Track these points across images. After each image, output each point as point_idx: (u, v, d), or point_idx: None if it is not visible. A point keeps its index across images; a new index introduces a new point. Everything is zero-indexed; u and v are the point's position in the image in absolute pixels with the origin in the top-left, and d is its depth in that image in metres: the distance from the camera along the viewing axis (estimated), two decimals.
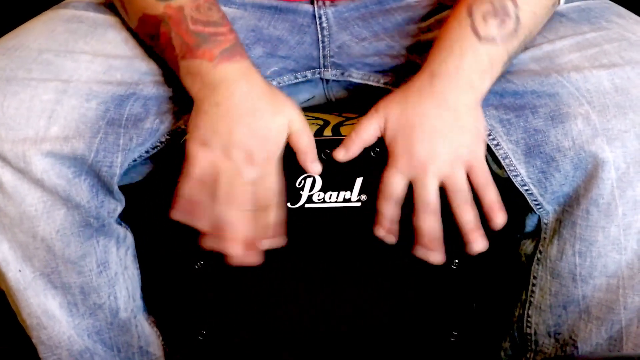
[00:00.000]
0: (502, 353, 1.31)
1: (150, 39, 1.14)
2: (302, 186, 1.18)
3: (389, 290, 1.27)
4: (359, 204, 1.19)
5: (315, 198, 1.19)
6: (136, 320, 1.26)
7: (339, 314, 1.28)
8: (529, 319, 1.24)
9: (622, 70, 1.10)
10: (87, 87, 1.11)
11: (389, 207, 1.12)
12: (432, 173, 1.08)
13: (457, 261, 1.23)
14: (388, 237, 1.13)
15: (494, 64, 1.10)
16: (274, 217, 1.12)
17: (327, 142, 1.18)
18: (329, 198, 1.19)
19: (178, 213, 1.11)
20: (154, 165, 1.21)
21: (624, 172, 1.09)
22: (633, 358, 1.15)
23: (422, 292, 1.27)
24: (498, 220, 1.10)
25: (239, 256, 1.11)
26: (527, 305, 1.23)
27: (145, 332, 1.28)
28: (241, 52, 1.11)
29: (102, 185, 1.14)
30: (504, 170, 1.14)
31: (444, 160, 1.08)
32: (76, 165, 1.11)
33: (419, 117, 1.08)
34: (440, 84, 1.09)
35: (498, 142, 1.13)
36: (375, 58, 1.26)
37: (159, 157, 1.20)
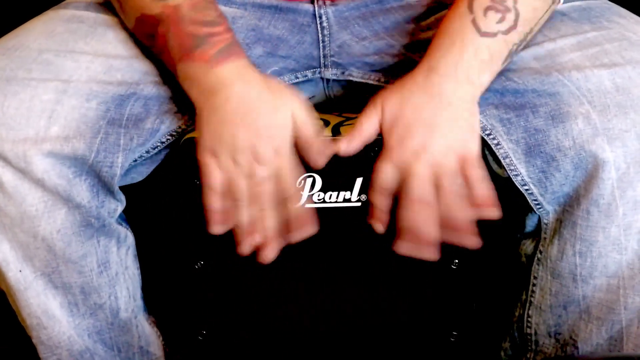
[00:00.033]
0: (502, 353, 1.31)
1: (148, 40, 1.14)
2: (302, 186, 1.18)
3: (389, 290, 1.27)
4: (359, 204, 1.19)
5: (315, 198, 1.19)
6: (137, 321, 1.26)
7: (339, 314, 1.28)
8: (529, 319, 1.24)
9: (623, 70, 1.10)
10: (87, 87, 1.11)
11: (381, 199, 1.11)
12: (424, 163, 1.07)
13: (457, 261, 1.23)
14: (377, 226, 1.12)
15: (494, 59, 1.10)
16: (299, 208, 1.12)
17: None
18: (329, 198, 1.19)
19: (215, 227, 1.10)
20: (155, 166, 1.21)
21: (625, 172, 1.09)
22: (633, 358, 1.15)
23: (422, 292, 1.27)
24: (491, 215, 1.09)
25: (270, 249, 1.12)
26: (528, 305, 1.23)
27: (146, 332, 1.28)
28: (237, 51, 1.10)
29: (102, 185, 1.14)
30: (504, 169, 1.14)
31: (437, 151, 1.07)
32: (77, 165, 1.11)
33: (415, 110, 1.08)
34: (438, 77, 1.08)
35: (498, 142, 1.13)
36: (376, 57, 1.26)
37: (160, 157, 1.20)
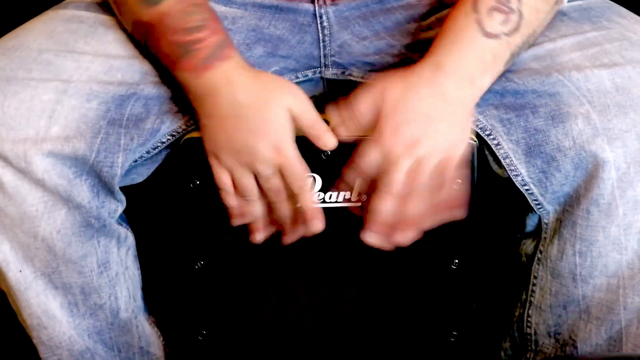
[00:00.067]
0: (502, 353, 1.31)
1: (144, 44, 1.14)
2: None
3: (389, 290, 1.27)
4: (359, 204, 1.19)
5: (315, 198, 1.18)
6: (137, 321, 1.26)
7: (339, 314, 1.28)
8: (529, 319, 1.24)
9: (623, 70, 1.10)
10: (87, 87, 1.11)
11: (354, 178, 1.12)
12: (412, 158, 1.07)
13: (457, 261, 1.23)
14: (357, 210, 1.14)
15: (497, 60, 1.10)
16: (307, 201, 1.12)
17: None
18: (329, 198, 1.19)
19: (235, 221, 1.15)
20: (155, 166, 1.21)
21: (625, 172, 1.09)
22: (633, 358, 1.15)
23: (422, 292, 1.27)
24: (455, 216, 1.11)
25: (292, 233, 1.16)
26: (527, 305, 1.24)
27: (146, 333, 1.28)
28: (223, 54, 1.10)
29: (103, 185, 1.14)
30: (504, 170, 1.14)
31: (427, 148, 1.07)
32: (77, 165, 1.11)
33: (415, 103, 1.07)
34: (442, 76, 1.08)
35: (498, 142, 1.13)
36: (376, 57, 1.26)
37: (160, 157, 1.20)
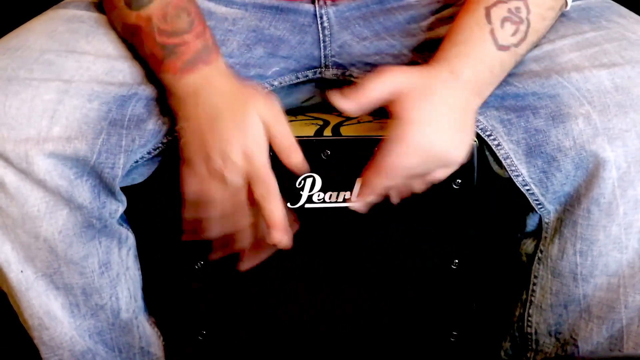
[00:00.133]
0: (503, 353, 1.31)
1: (134, 47, 1.15)
2: (302, 186, 1.18)
3: (389, 290, 1.27)
4: None
5: (315, 198, 1.19)
6: (137, 321, 1.26)
7: (339, 314, 1.28)
8: (530, 319, 1.24)
9: (622, 70, 1.11)
10: (89, 87, 1.11)
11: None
12: (425, 161, 1.08)
13: (457, 261, 1.23)
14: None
15: (503, 71, 1.12)
16: (271, 211, 1.10)
17: (327, 142, 1.18)
18: (329, 198, 1.19)
19: (188, 234, 1.13)
20: (156, 166, 1.21)
21: (625, 172, 1.09)
22: (633, 358, 1.16)
23: (422, 292, 1.27)
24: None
25: (249, 257, 1.14)
26: (528, 305, 1.23)
27: (147, 333, 1.28)
28: (206, 58, 1.10)
29: (104, 186, 1.14)
30: (505, 170, 1.14)
31: (446, 151, 1.08)
32: (78, 166, 1.10)
33: (435, 109, 1.07)
34: (460, 85, 1.09)
35: (499, 142, 1.13)
36: (377, 57, 1.26)
37: (161, 158, 1.20)
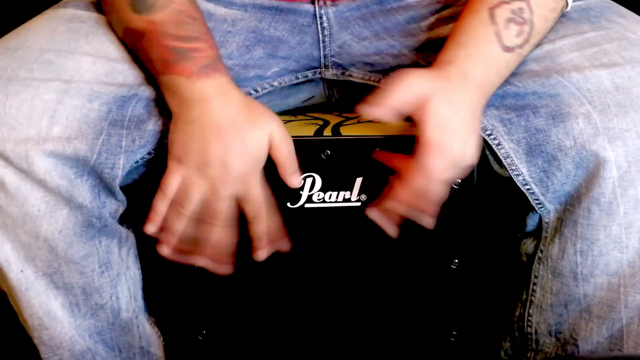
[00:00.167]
0: (503, 353, 1.31)
1: (134, 50, 1.15)
2: (302, 186, 1.18)
3: (389, 290, 1.27)
4: (358, 204, 1.19)
5: (315, 198, 1.19)
6: (137, 321, 1.26)
7: (339, 314, 1.28)
8: (530, 318, 1.24)
9: (622, 70, 1.11)
10: (89, 87, 1.11)
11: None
12: (453, 167, 1.08)
13: (457, 261, 1.23)
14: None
15: (508, 71, 1.12)
16: (266, 227, 1.13)
17: (327, 142, 1.18)
18: (329, 198, 1.19)
19: (151, 227, 1.12)
20: (156, 166, 1.21)
21: (626, 171, 1.09)
22: (633, 358, 1.16)
23: (422, 292, 1.27)
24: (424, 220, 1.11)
25: (210, 268, 1.14)
26: (528, 305, 1.24)
27: (147, 333, 1.28)
28: (220, 68, 1.11)
29: (104, 186, 1.14)
30: (505, 169, 1.14)
31: (470, 152, 1.09)
32: (78, 165, 1.10)
33: (454, 111, 1.08)
34: (472, 88, 1.10)
35: (499, 142, 1.13)
36: (376, 57, 1.26)
37: (161, 158, 1.19)
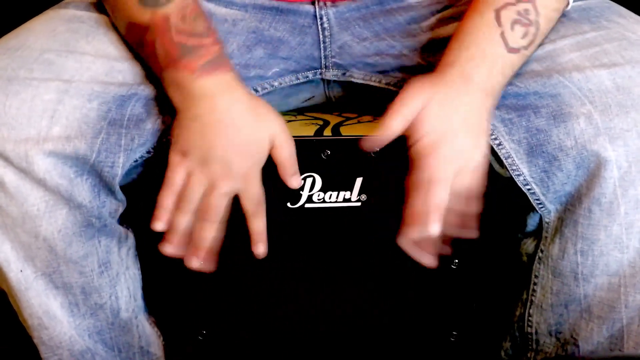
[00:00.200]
0: (503, 353, 1.31)
1: (137, 46, 1.14)
2: (302, 186, 1.18)
3: (389, 290, 1.27)
4: (359, 204, 1.19)
5: (315, 198, 1.19)
6: (137, 321, 1.26)
7: (339, 314, 1.28)
8: (530, 318, 1.24)
9: (623, 70, 1.11)
10: (88, 87, 1.11)
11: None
12: (450, 171, 1.08)
13: (457, 261, 1.23)
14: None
15: (513, 72, 1.12)
16: (259, 226, 1.14)
17: (327, 142, 1.18)
18: (329, 198, 1.19)
19: (159, 224, 1.12)
20: (156, 166, 1.20)
21: (626, 171, 1.09)
22: (634, 358, 1.16)
23: (422, 292, 1.27)
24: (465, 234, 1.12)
25: (197, 265, 1.14)
26: (529, 305, 1.24)
27: (146, 332, 1.28)
28: (224, 64, 1.11)
29: (103, 185, 1.14)
30: (506, 169, 1.14)
31: (462, 160, 1.08)
32: (78, 165, 1.10)
33: (451, 115, 1.08)
34: (473, 89, 1.10)
35: (500, 142, 1.13)
36: (377, 58, 1.26)
37: (160, 157, 1.19)
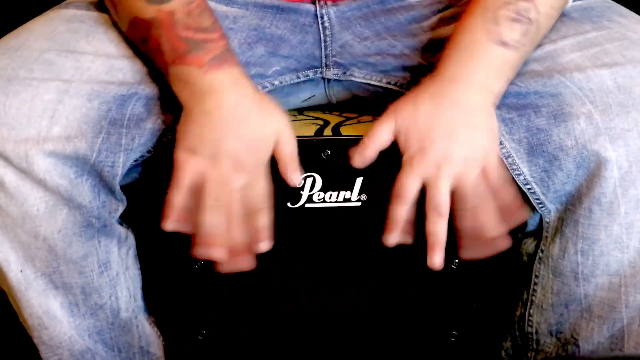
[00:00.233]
0: (503, 353, 1.31)
1: (140, 42, 1.14)
2: (302, 186, 1.18)
3: (389, 290, 1.27)
4: (359, 203, 1.19)
5: (315, 198, 1.19)
6: (137, 321, 1.26)
7: (339, 314, 1.28)
8: (531, 318, 1.24)
9: (624, 70, 1.11)
10: (88, 87, 1.11)
11: (404, 210, 1.11)
12: (446, 174, 1.08)
13: (457, 261, 1.23)
14: (405, 237, 1.13)
15: (511, 67, 1.11)
16: (265, 221, 1.13)
17: (327, 142, 1.18)
18: (329, 198, 1.19)
19: (170, 223, 1.11)
20: (156, 166, 1.20)
21: (627, 171, 1.09)
22: (634, 358, 1.16)
23: (422, 292, 1.27)
24: (521, 219, 1.12)
25: (229, 262, 1.12)
26: (529, 305, 1.24)
27: (146, 332, 1.28)
28: (231, 59, 1.11)
29: (104, 185, 1.14)
30: (506, 169, 1.14)
31: (458, 161, 1.08)
32: (78, 165, 1.10)
33: (432, 119, 1.08)
34: (454, 86, 1.09)
35: (501, 141, 1.13)
36: (377, 57, 1.26)
37: (161, 157, 1.19)
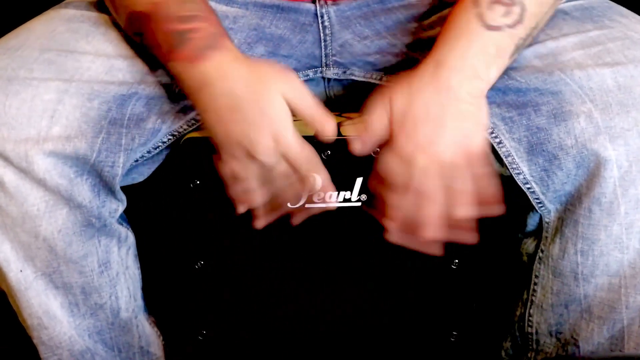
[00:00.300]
0: (503, 353, 1.31)
1: (139, 37, 1.13)
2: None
3: (389, 290, 1.27)
4: (359, 204, 1.19)
5: (315, 198, 1.18)
6: (137, 320, 1.26)
7: (339, 314, 1.28)
8: (531, 318, 1.24)
9: (625, 69, 1.10)
10: (88, 86, 1.11)
11: (385, 191, 1.09)
12: (428, 156, 1.05)
13: (457, 261, 1.23)
14: (388, 224, 1.11)
15: (501, 53, 1.09)
16: (325, 176, 1.12)
17: (327, 142, 1.18)
18: (329, 198, 1.19)
19: (240, 208, 1.13)
20: (156, 166, 1.21)
21: (627, 171, 1.09)
22: (634, 358, 1.15)
23: (422, 292, 1.27)
24: (493, 213, 1.08)
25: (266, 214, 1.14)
26: (529, 305, 1.24)
27: (146, 332, 1.28)
28: (218, 44, 1.08)
29: (104, 185, 1.14)
30: (506, 168, 1.14)
31: (443, 146, 1.05)
32: (78, 165, 1.10)
33: (422, 104, 1.06)
34: (444, 72, 1.07)
35: (500, 140, 1.13)
36: (378, 56, 1.26)
37: (161, 157, 1.19)
